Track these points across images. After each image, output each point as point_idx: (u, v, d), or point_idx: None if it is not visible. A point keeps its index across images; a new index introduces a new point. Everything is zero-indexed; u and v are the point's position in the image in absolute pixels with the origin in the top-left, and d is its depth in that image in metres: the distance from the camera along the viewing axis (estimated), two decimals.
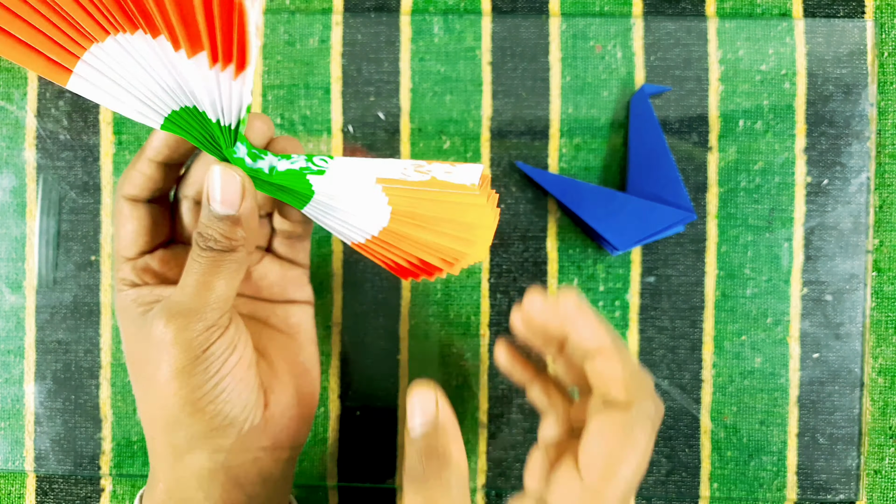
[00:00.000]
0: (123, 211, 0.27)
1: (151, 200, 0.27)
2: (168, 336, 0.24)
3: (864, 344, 0.35)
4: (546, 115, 0.36)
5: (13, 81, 0.36)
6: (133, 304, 0.26)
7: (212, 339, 0.24)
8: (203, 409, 0.24)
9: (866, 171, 0.35)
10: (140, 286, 0.27)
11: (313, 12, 0.36)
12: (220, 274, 0.24)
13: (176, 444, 0.25)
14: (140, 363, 0.26)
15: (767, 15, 0.36)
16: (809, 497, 0.35)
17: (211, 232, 0.24)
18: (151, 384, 0.25)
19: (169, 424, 0.25)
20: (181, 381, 0.24)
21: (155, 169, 0.26)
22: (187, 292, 0.24)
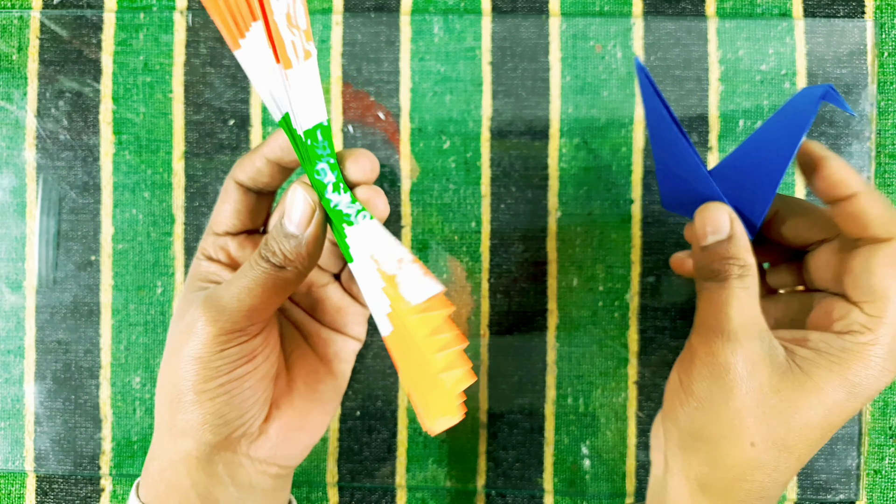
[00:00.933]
0: (228, 189, 0.28)
1: (256, 191, 0.28)
2: (198, 322, 0.25)
3: None
4: (546, 115, 0.36)
5: (13, 81, 0.36)
6: (199, 275, 0.28)
7: (234, 342, 0.25)
8: (203, 401, 0.25)
9: (866, 172, 0.35)
10: (213, 261, 0.28)
11: (313, 12, 0.36)
12: (267, 286, 0.25)
13: (174, 424, 0.26)
14: (175, 331, 0.26)
15: (767, 15, 0.36)
16: (809, 497, 0.35)
17: (274, 245, 0.25)
18: (174, 356, 0.26)
19: (174, 401, 0.25)
20: (194, 368, 0.25)
21: (266, 164, 0.27)
22: (231, 291, 0.25)
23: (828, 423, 0.24)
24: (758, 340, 0.24)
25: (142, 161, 0.36)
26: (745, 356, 0.24)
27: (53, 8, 0.37)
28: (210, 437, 0.26)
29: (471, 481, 0.36)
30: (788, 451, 0.24)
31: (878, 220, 0.24)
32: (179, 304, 0.28)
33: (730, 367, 0.24)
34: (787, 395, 0.23)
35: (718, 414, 0.24)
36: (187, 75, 0.36)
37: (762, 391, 0.24)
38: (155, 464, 0.27)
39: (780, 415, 0.23)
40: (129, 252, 0.36)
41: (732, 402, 0.24)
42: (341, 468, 0.36)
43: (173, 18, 0.36)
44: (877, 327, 0.24)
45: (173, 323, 0.27)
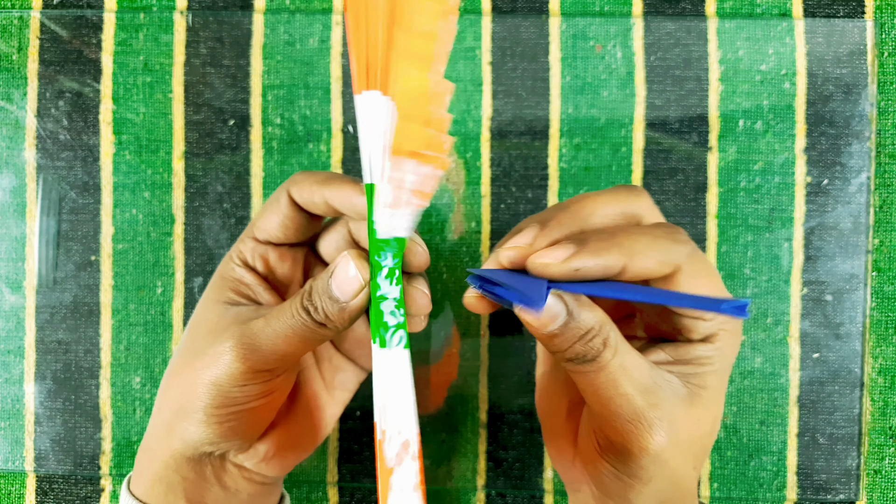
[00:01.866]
0: (280, 201, 0.27)
1: (309, 212, 0.27)
2: (228, 355, 0.24)
3: (864, 344, 0.35)
4: (546, 115, 0.36)
5: (13, 81, 0.36)
6: (231, 282, 0.27)
7: (258, 379, 0.25)
8: (211, 423, 0.25)
9: (866, 171, 0.35)
10: (249, 269, 0.27)
11: (313, 12, 0.36)
12: (304, 337, 0.24)
13: (173, 427, 0.26)
14: (196, 340, 0.26)
15: (767, 15, 0.36)
16: (809, 497, 0.35)
17: (318, 302, 0.24)
18: (191, 372, 0.25)
19: (180, 411, 0.25)
20: (211, 393, 0.25)
21: (325, 204, 0.26)
22: (268, 334, 0.24)
23: (718, 419, 0.25)
24: (660, 392, 0.23)
25: (142, 161, 0.36)
26: (663, 422, 0.23)
27: (53, 8, 0.37)
28: (206, 448, 0.26)
29: (471, 481, 0.36)
30: (706, 454, 0.25)
31: (653, 264, 0.22)
32: (203, 309, 0.27)
33: (658, 447, 0.23)
34: (701, 416, 0.24)
35: (668, 480, 0.24)
36: (187, 75, 0.36)
37: (689, 434, 0.23)
38: (146, 455, 0.27)
39: (707, 433, 0.24)
40: (129, 252, 0.36)
41: (671, 464, 0.23)
42: (341, 468, 0.36)
43: (173, 18, 0.36)
44: (726, 325, 0.24)
45: (197, 322, 0.27)
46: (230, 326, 0.25)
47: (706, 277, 0.23)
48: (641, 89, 0.36)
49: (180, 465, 0.26)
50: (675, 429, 0.23)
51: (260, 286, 0.27)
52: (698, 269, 0.23)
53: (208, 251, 0.36)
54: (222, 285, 0.27)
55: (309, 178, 0.26)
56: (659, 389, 0.23)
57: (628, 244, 0.22)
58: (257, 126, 0.36)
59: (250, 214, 0.36)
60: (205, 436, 0.25)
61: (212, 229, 0.36)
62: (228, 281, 0.27)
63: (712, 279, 0.23)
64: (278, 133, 0.36)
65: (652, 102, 0.36)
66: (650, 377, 0.23)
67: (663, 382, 0.23)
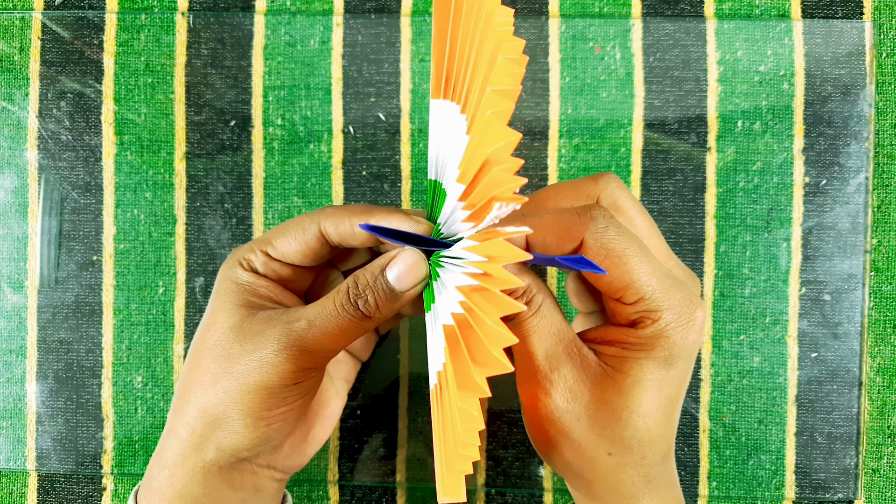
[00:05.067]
0: (308, 231, 0.27)
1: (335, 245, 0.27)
2: (278, 361, 0.24)
3: (862, 343, 0.35)
4: (545, 116, 0.36)
5: (15, 82, 0.36)
6: (246, 288, 0.27)
7: (306, 377, 0.25)
8: (259, 426, 0.25)
9: (864, 172, 0.36)
10: (259, 275, 0.27)
11: (314, 13, 0.36)
12: (349, 332, 0.25)
13: (206, 438, 0.26)
14: (226, 346, 0.26)
15: (766, 16, 0.36)
16: (808, 496, 0.36)
17: (370, 295, 0.24)
18: (228, 379, 0.25)
19: (216, 419, 0.25)
20: (259, 397, 0.25)
21: (367, 235, 0.26)
22: (315, 335, 0.24)
23: (666, 399, 0.24)
24: (568, 361, 0.24)
25: (143, 161, 0.36)
26: (562, 388, 0.24)
27: (55, 9, 0.37)
28: (244, 454, 0.26)
29: (470, 480, 0.36)
30: (645, 443, 0.24)
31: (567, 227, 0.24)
32: (223, 315, 0.26)
33: (554, 409, 0.24)
34: (613, 400, 0.24)
35: (569, 443, 0.25)
36: (188, 76, 0.36)
37: (590, 409, 0.24)
38: (166, 472, 0.26)
39: (618, 420, 0.24)
40: (130, 252, 0.36)
41: (573, 434, 0.24)
42: (342, 466, 0.36)
43: (174, 19, 0.36)
44: (648, 307, 0.24)
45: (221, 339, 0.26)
46: (268, 330, 0.25)
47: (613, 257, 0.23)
48: (640, 90, 0.36)
49: (209, 478, 0.26)
50: (576, 400, 0.24)
51: (276, 289, 0.28)
52: (608, 243, 0.23)
53: (210, 251, 0.36)
54: (237, 290, 0.27)
55: (344, 211, 0.26)
56: (567, 358, 0.24)
57: (531, 220, 0.24)
58: (258, 127, 0.36)
59: (251, 214, 0.36)
60: (247, 441, 0.25)
61: (213, 229, 0.36)
62: (244, 286, 0.27)
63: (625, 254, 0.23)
64: (279, 134, 0.36)
65: (651, 103, 0.36)
66: (563, 346, 0.24)
67: (575, 355, 0.24)
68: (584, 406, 0.24)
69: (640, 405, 0.24)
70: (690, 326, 0.24)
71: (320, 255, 0.27)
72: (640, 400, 0.24)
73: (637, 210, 0.26)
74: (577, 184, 0.26)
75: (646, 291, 0.23)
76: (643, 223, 0.26)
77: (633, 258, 0.23)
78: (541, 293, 0.24)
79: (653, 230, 0.26)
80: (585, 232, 0.23)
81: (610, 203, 0.25)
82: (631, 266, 0.23)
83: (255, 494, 0.28)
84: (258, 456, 0.27)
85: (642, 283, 0.23)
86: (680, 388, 0.25)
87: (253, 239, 0.31)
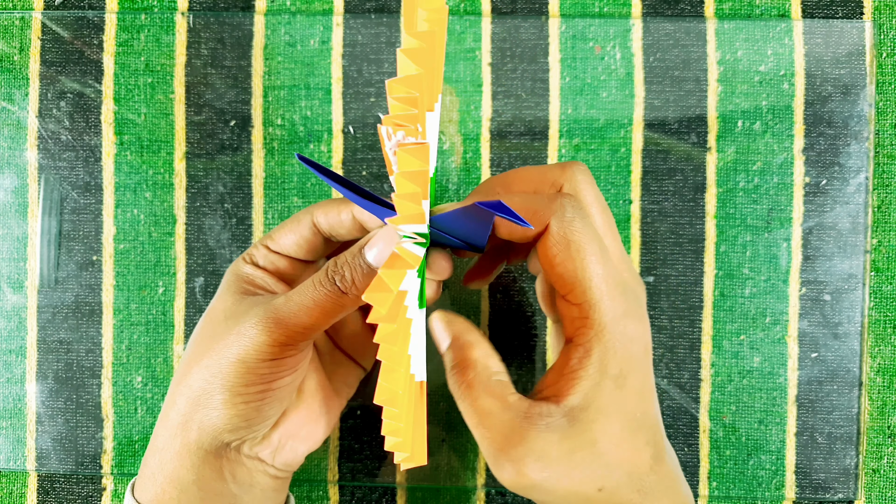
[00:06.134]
0: (302, 223, 0.28)
1: (329, 237, 0.29)
2: (254, 330, 0.25)
3: (862, 343, 0.35)
4: (545, 116, 0.36)
5: (15, 82, 0.36)
6: (244, 277, 0.28)
7: (283, 353, 0.25)
8: (236, 402, 0.25)
9: (864, 172, 0.36)
10: (260, 268, 0.29)
11: (314, 13, 0.36)
12: (325, 308, 0.25)
13: (191, 418, 0.26)
14: (213, 327, 0.27)
15: (766, 16, 0.36)
16: (808, 496, 0.36)
17: (347, 271, 0.25)
18: (212, 355, 0.26)
19: (199, 398, 0.26)
20: (238, 370, 0.25)
21: (352, 222, 0.28)
22: (291, 307, 0.25)
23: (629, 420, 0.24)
24: (531, 431, 0.24)
25: (143, 161, 0.36)
26: (533, 457, 0.24)
27: (55, 9, 0.37)
28: (226, 437, 0.26)
29: (470, 480, 0.36)
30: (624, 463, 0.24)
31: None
32: (219, 302, 0.28)
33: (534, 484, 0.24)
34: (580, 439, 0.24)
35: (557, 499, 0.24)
36: (188, 76, 0.36)
37: (564, 459, 0.24)
38: (157, 457, 0.27)
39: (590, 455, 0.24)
40: (130, 252, 0.36)
41: (559, 491, 0.24)
42: (342, 467, 0.36)
43: (174, 19, 0.36)
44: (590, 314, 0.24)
45: (212, 317, 0.27)
46: (251, 309, 0.26)
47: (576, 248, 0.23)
48: (640, 90, 0.36)
49: (195, 462, 0.26)
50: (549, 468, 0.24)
51: (271, 279, 0.29)
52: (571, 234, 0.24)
53: (210, 251, 0.36)
54: (235, 281, 0.28)
55: (333, 202, 0.28)
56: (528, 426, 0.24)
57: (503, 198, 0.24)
58: (258, 127, 0.36)
59: (252, 215, 0.36)
60: (228, 419, 0.25)
61: (213, 229, 0.36)
62: (241, 278, 0.28)
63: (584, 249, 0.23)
64: (279, 134, 0.36)
65: (651, 103, 0.36)
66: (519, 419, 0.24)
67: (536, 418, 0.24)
68: (557, 462, 0.24)
69: (604, 433, 0.24)
70: (632, 338, 0.24)
71: (315, 246, 0.29)
72: (603, 428, 0.24)
73: (598, 206, 0.26)
74: (544, 169, 0.26)
75: (593, 294, 0.23)
76: (601, 220, 0.26)
77: (591, 256, 0.23)
78: (486, 370, 0.25)
79: (609, 228, 0.26)
80: (552, 217, 0.24)
81: (571, 193, 0.26)
82: (586, 264, 0.23)
83: (250, 490, 0.28)
84: (243, 443, 0.27)
85: (592, 284, 0.23)
86: (640, 405, 0.25)
87: (254, 238, 0.32)
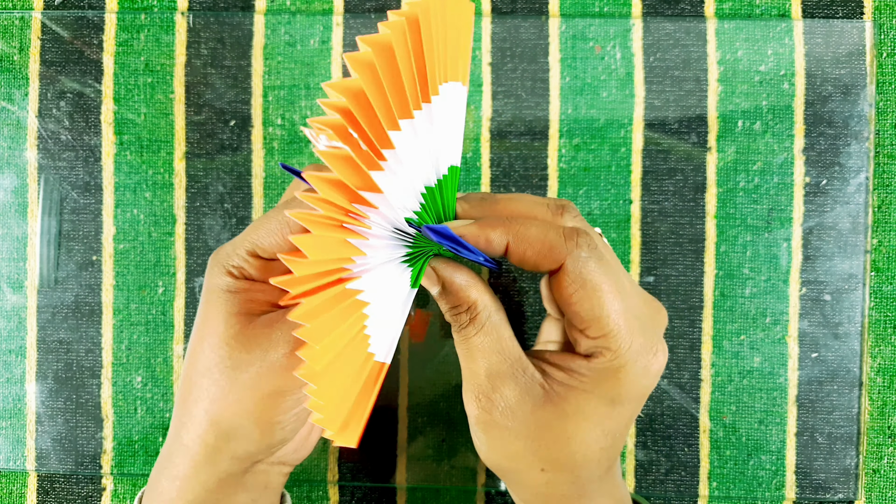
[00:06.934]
0: (282, 220, 0.25)
1: None
2: (289, 363, 0.24)
3: (862, 343, 0.35)
4: (545, 116, 0.36)
5: (15, 82, 0.36)
6: (239, 296, 0.25)
7: None
8: (273, 431, 0.25)
9: (865, 172, 0.36)
10: (252, 281, 0.26)
11: (314, 13, 0.36)
12: None
13: (220, 449, 0.25)
14: (231, 355, 0.25)
15: (766, 16, 0.36)
16: (808, 496, 0.35)
17: None
18: (236, 389, 0.24)
19: (229, 431, 0.25)
20: (273, 402, 0.24)
21: None
22: None
23: (606, 434, 0.24)
24: (511, 380, 0.24)
25: (143, 161, 0.36)
26: (502, 407, 0.24)
27: (55, 8, 0.37)
28: (261, 457, 0.26)
29: (470, 480, 0.36)
30: (580, 465, 0.25)
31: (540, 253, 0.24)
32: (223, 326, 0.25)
33: (493, 422, 0.24)
34: (552, 423, 0.24)
35: (505, 454, 0.25)
36: (188, 76, 0.36)
37: (529, 427, 0.24)
38: (175, 483, 0.26)
39: (555, 441, 0.24)
40: (130, 252, 0.36)
41: (509, 445, 0.24)
42: (342, 467, 0.36)
43: (174, 19, 0.36)
44: (609, 346, 0.24)
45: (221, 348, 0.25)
46: (274, 333, 0.24)
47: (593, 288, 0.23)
48: (640, 90, 0.36)
49: (222, 486, 0.26)
50: (515, 419, 0.24)
51: (273, 291, 0.26)
52: (587, 274, 0.23)
53: (210, 251, 0.36)
54: (231, 300, 0.25)
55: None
56: (509, 378, 0.24)
57: (517, 229, 0.23)
58: (258, 126, 0.36)
59: (251, 214, 0.36)
60: (264, 447, 0.25)
61: (213, 229, 0.36)
62: (239, 295, 0.25)
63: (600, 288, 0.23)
64: (279, 133, 0.36)
65: (651, 103, 0.36)
66: (507, 365, 0.24)
67: (520, 375, 0.24)
68: (522, 424, 0.24)
69: (577, 434, 0.24)
70: (645, 373, 0.24)
71: None
72: (578, 430, 0.24)
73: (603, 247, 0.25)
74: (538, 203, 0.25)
75: (611, 330, 0.23)
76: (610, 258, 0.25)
77: (607, 294, 0.23)
78: (486, 310, 0.25)
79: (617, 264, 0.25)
80: (567, 257, 0.23)
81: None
82: (603, 301, 0.23)
83: (264, 492, 0.28)
84: (272, 455, 0.27)
85: (610, 321, 0.23)
86: (623, 425, 0.25)
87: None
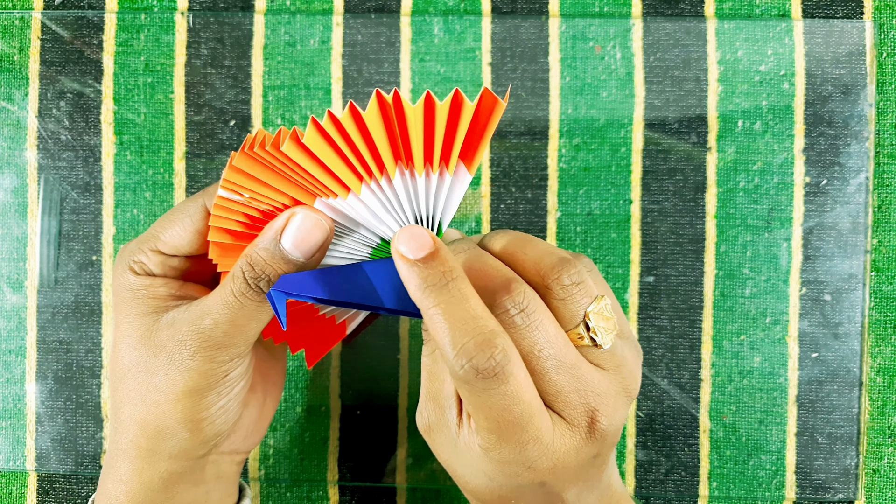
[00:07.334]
0: (192, 213, 0.25)
1: None
2: (194, 363, 0.24)
3: (862, 343, 0.35)
4: (546, 116, 0.36)
5: (14, 82, 0.36)
6: (144, 292, 0.25)
7: (232, 368, 0.25)
8: (202, 427, 0.25)
9: (865, 172, 0.36)
10: (153, 276, 0.26)
11: (314, 13, 0.36)
12: (256, 317, 0.24)
13: (155, 450, 0.25)
14: (142, 360, 0.25)
15: (766, 15, 0.36)
16: (808, 496, 0.35)
17: (270, 274, 0.23)
18: (152, 392, 0.25)
19: (158, 432, 0.25)
20: (191, 401, 0.24)
21: None
22: (221, 329, 0.24)
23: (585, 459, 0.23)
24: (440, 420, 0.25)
25: (143, 161, 0.36)
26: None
27: (55, 8, 0.37)
28: (200, 451, 0.26)
29: None
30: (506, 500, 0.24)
31: None
32: (130, 329, 0.25)
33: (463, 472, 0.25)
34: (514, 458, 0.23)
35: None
36: (188, 76, 0.36)
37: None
38: (121, 487, 0.26)
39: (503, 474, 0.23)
40: None
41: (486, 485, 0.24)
42: (342, 467, 0.36)
43: (174, 19, 0.36)
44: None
45: (133, 350, 0.25)
46: (176, 335, 0.24)
47: None
48: (640, 90, 0.36)
49: (169, 483, 0.26)
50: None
51: (175, 284, 0.26)
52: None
53: None
54: (135, 299, 0.25)
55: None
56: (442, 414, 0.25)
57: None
58: (258, 126, 0.36)
59: None
60: (197, 443, 0.25)
61: None
62: (141, 292, 0.25)
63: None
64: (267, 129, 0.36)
65: (651, 103, 0.36)
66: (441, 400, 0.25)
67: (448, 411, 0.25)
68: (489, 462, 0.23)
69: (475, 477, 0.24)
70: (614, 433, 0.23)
71: None
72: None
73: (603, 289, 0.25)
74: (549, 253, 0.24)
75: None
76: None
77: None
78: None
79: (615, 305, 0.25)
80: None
81: None
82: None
83: (217, 483, 0.28)
84: (217, 446, 0.27)
85: None
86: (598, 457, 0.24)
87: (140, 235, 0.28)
